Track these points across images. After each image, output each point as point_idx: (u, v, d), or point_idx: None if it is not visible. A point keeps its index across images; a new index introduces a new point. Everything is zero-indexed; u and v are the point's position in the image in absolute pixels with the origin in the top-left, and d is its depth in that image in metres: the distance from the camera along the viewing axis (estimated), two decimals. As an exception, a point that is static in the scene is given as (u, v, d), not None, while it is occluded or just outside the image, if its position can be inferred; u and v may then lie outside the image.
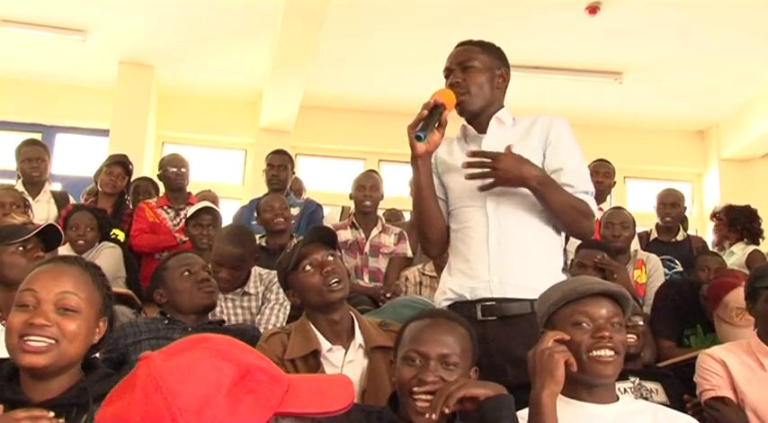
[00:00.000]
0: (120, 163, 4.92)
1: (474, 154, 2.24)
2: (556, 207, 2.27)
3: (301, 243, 2.41)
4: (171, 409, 0.89)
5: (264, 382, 0.99)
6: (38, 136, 6.91)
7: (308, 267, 2.36)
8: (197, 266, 2.92)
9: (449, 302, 2.35)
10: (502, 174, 2.20)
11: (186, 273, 2.88)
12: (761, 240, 5.05)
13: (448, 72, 2.41)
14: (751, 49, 6.91)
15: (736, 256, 4.58)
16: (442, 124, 2.25)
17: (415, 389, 1.83)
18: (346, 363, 2.33)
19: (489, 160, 2.20)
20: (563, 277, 2.33)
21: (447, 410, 1.71)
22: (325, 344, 2.33)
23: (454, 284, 2.35)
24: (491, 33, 2.52)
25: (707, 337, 3.34)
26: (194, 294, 2.85)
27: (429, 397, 1.80)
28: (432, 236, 2.43)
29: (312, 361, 2.30)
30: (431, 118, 2.21)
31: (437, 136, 2.26)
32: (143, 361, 0.94)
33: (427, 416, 1.73)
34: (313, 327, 2.36)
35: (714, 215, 5.17)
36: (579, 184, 2.33)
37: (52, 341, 1.60)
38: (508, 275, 2.26)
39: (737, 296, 2.89)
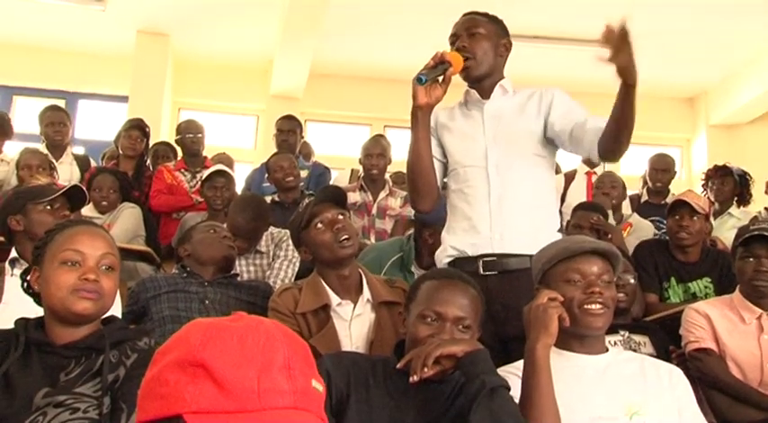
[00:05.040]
0: (137, 126, 4.92)
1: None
2: (630, 112, 2.09)
3: (313, 202, 2.41)
4: (197, 346, 0.77)
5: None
6: (61, 102, 6.90)
7: (319, 225, 2.36)
8: (221, 228, 3.12)
9: (450, 259, 2.37)
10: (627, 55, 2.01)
11: (212, 231, 3.05)
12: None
13: (454, 38, 2.40)
14: (739, 17, 6.82)
15: (736, 219, 4.52)
16: (445, 81, 2.22)
17: None
18: (355, 316, 2.35)
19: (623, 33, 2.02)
20: (559, 234, 2.36)
21: (427, 370, 1.71)
22: (334, 298, 2.35)
23: (455, 242, 2.36)
24: (494, 2, 2.51)
25: (679, 286, 3.42)
26: (215, 245, 2.99)
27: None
28: (422, 188, 2.38)
29: (322, 314, 2.33)
30: (435, 68, 2.19)
31: (439, 91, 2.23)
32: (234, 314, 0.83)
33: (411, 379, 1.72)
34: (323, 282, 2.38)
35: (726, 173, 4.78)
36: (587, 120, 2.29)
37: (98, 295, 1.70)
38: (509, 232, 2.27)
39: None
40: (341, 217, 2.39)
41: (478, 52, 2.35)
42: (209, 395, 0.74)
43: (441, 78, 2.22)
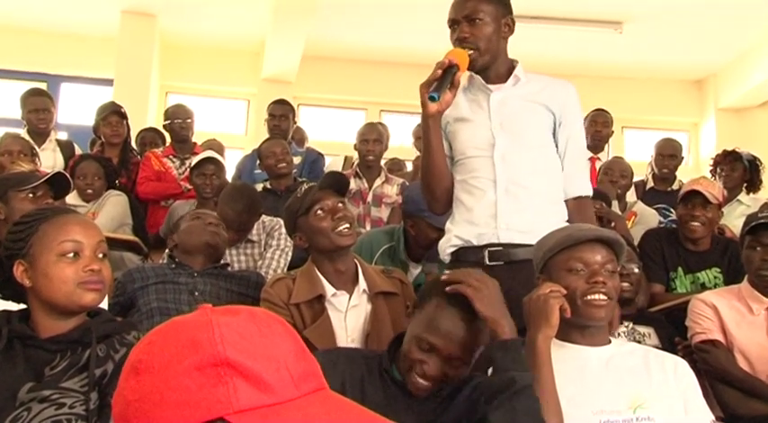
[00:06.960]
0: (113, 112, 4.85)
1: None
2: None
3: (315, 188, 2.41)
4: (216, 347, 0.76)
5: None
6: (43, 85, 6.86)
7: (319, 212, 2.35)
8: (207, 215, 3.12)
9: (454, 249, 2.38)
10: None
11: (197, 218, 3.05)
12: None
13: (453, 23, 2.37)
14: (750, -1, 6.83)
15: (745, 206, 4.51)
16: (454, 85, 2.23)
17: (417, 372, 1.82)
18: (350, 307, 2.36)
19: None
20: (567, 224, 2.36)
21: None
22: (329, 289, 2.35)
23: (460, 231, 2.37)
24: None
25: (687, 277, 3.42)
26: (198, 232, 2.99)
27: (426, 383, 1.81)
28: (439, 193, 2.44)
29: (317, 305, 2.33)
30: (444, 78, 2.19)
31: (449, 96, 2.24)
32: (200, 309, 0.83)
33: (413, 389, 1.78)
34: (318, 272, 2.38)
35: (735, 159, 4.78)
36: (579, 166, 2.46)
37: (103, 285, 1.73)
38: (515, 222, 2.28)
39: None
40: (341, 205, 2.40)
41: (482, 43, 2.33)
42: (245, 393, 0.74)
43: (449, 85, 2.23)
